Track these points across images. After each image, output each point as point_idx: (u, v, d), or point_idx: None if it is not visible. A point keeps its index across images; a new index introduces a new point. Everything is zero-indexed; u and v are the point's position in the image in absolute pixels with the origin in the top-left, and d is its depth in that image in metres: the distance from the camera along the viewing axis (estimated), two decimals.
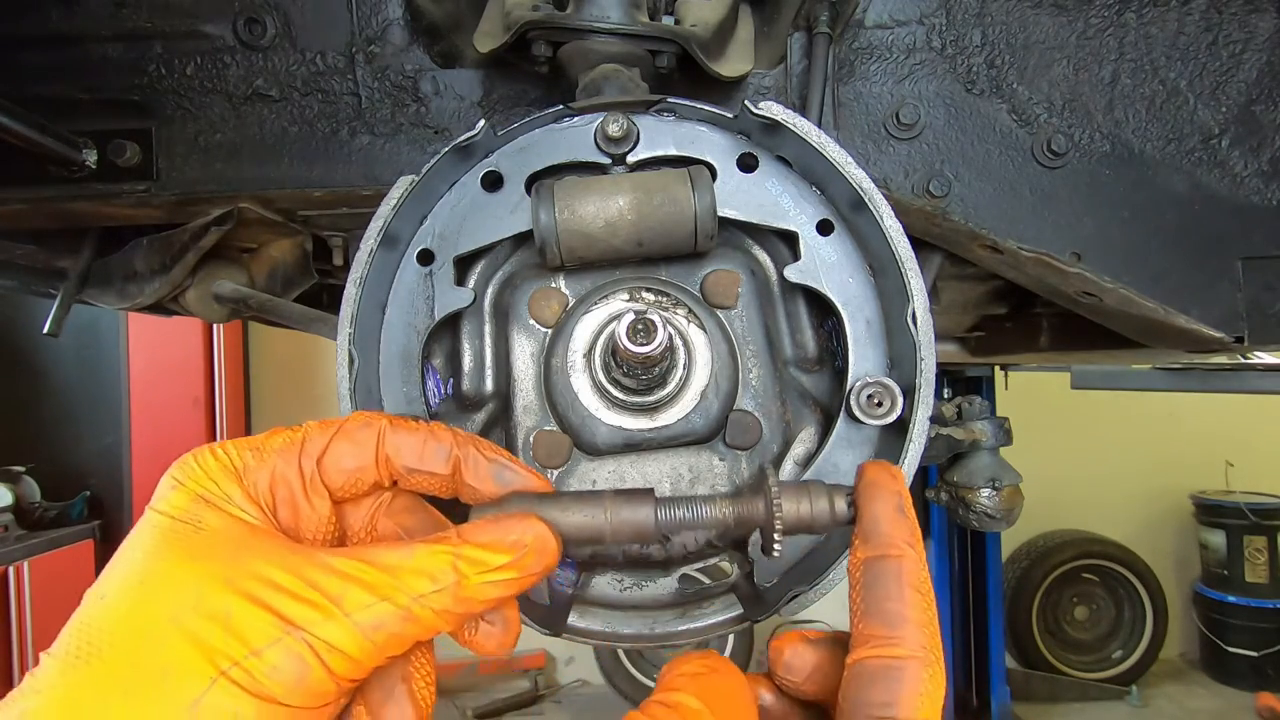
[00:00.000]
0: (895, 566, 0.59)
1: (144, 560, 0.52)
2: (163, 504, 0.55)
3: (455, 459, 0.63)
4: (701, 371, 0.81)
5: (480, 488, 0.63)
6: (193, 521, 0.54)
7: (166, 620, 0.48)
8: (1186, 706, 6.76)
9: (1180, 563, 7.48)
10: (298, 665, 0.48)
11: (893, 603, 0.58)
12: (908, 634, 0.57)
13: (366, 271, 0.80)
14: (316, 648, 0.49)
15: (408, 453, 0.62)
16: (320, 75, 1.18)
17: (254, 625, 0.48)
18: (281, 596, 0.49)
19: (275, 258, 1.51)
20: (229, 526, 0.54)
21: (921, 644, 0.56)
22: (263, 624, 0.48)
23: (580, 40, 1.00)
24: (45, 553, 5.02)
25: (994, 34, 1.18)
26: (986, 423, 2.03)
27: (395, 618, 0.51)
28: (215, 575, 0.50)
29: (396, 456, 0.61)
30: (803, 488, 0.65)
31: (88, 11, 1.16)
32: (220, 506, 0.55)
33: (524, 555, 0.57)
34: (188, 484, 0.56)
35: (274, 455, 0.59)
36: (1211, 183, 1.18)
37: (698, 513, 0.64)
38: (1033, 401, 5.73)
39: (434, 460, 0.62)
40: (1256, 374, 3.92)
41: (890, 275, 0.80)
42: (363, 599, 0.51)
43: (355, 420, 0.62)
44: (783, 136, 0.83)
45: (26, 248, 1.48)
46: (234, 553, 0.52)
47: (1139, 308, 1.20)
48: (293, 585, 0.50)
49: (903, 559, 0.59)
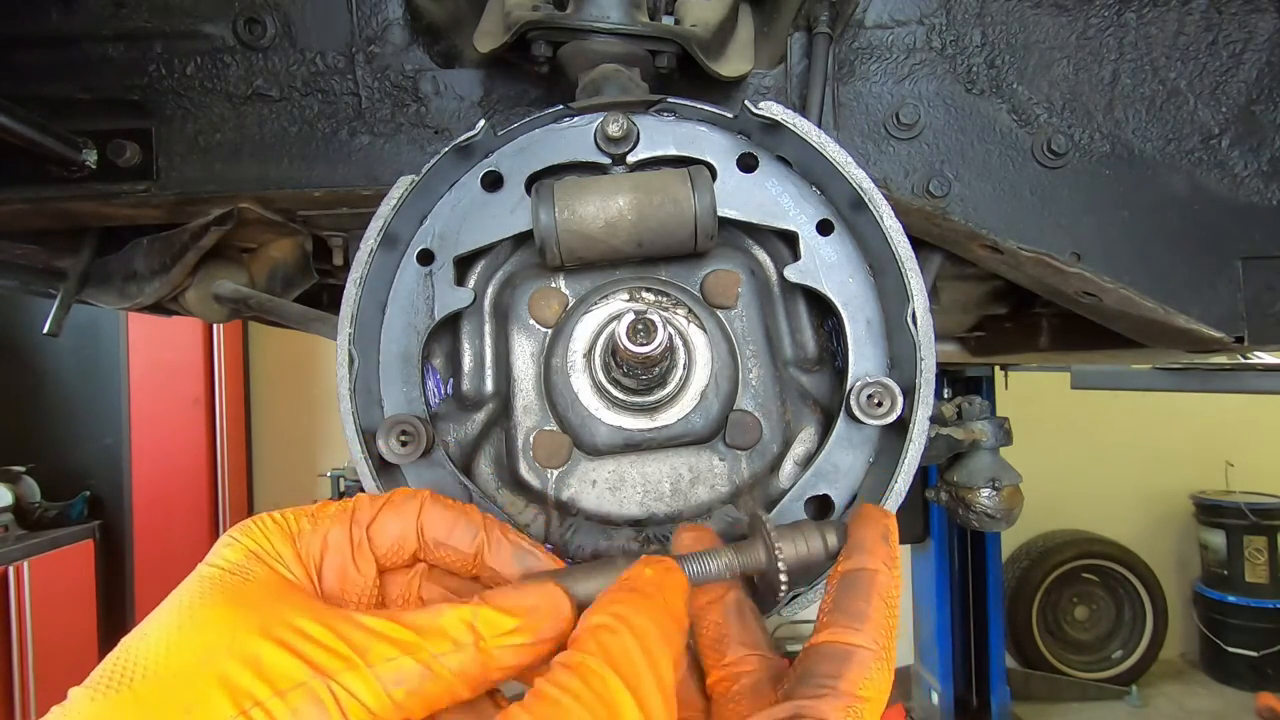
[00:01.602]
0: (868, 578, 0.64)
1: (188, 605, 0.54)
2: (216, 558, 0.58)
3: (480, 540, 0.66)
4: (701, 371, 0.81)
5: (500, 570, 0.66)
6: (241, 573, 0.57)
7: (199, 659, 0.50)
8: (1186, 706, 6.76)
9: (1180, 563, 7.48)
10: (317, 710, 0.49)
11: (859, 602, 0.62)
12: (867, 629, 0.61)
13: (366, 271, 0.80)
14: (338, 695, 0.50)
15: (440, 526, 0.65)
16: (320, 75, 1.18)
17: (281, 669, 0.50)
18: (310, 645, 0.51)
19: (275, 258, 1.51)
20: (273, 580, 0.57)
21: (877, 640, 0.61)
22: (289, 668, 0.50)
23: (580, 40, 1.00)
24: (45, 553, 5.03)
25: (994, 34, 1.18)
26: (986, 423, 2.03)
27: (415, 674, 0.52)
28: (251, 621, 0.52)
29: (429, 529, 0.65)
30: (796, 529, 0.68)
31: (88, 11, 1.16)
32: (269, 563, 0.59)
33: (538, 618, 0.58)
34: (243, 540, 0.59)
35: (328, 521, 0.63)
36: (1211, 183, 1.18)
37: (705, 570, 0.65)
38: (1033, 401, 5.74)
39: (461, 537, 0.65)
40: (1256, 374, 3.92)
41: (890, 275, 0.80)
42: (386, 653, 0.52)
43: (400, 493, 0.67)
44: (783, 136, 0.83)
45: (26, 248, 1.48)
46: (273, 603, 0.54)
47: (1139, 308, 1.20)
48: (322, 635, 0.52)
49: (877, 573, 0.64)
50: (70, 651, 5.04)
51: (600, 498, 0.83)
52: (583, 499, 0.82)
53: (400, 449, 0.79)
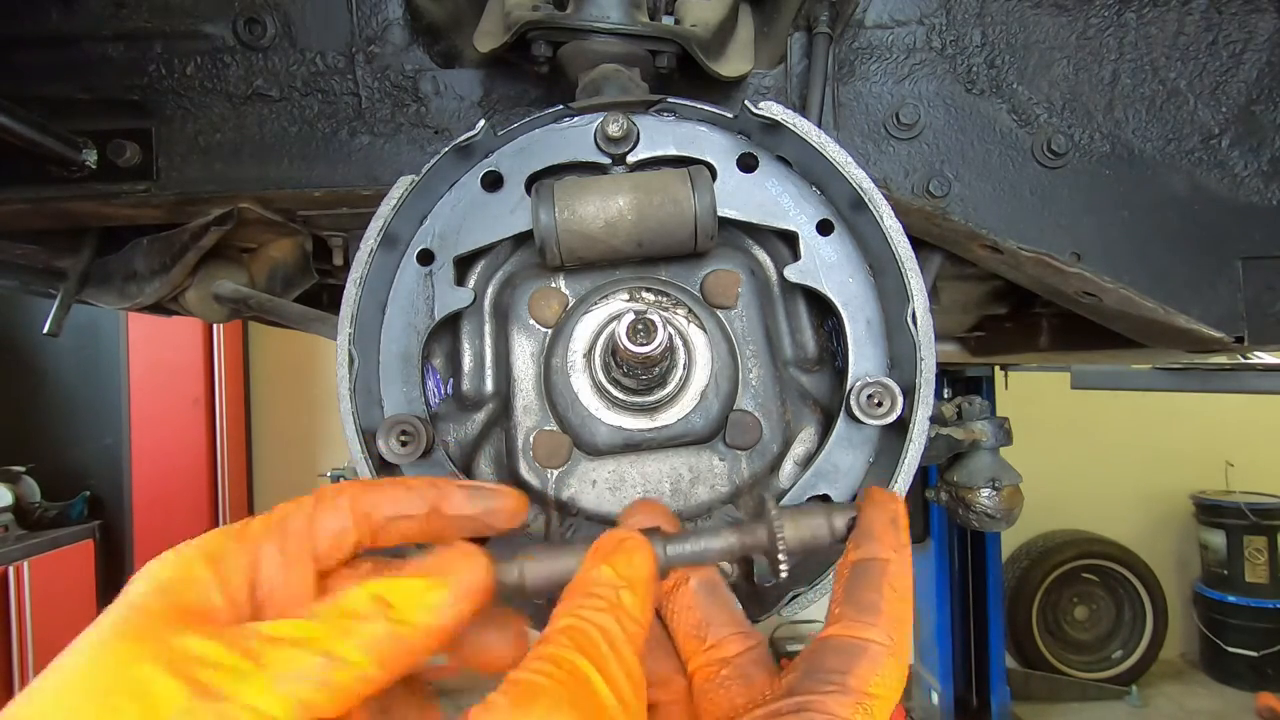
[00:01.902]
0: (879, 567, 0.61)
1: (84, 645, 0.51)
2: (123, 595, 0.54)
3: (432, 495, 0.63)
4: (701, 371, 0.81)
5: (461, 512, 0.63)
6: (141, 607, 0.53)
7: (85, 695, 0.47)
8: (1186, 706, 6.76)
9: (1180, 563, 7.48)
10: None
11: (870, 594, 0.60)
12: (879, 622, 0.59)
13: (366, 271, 0.80)
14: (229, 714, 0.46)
15: (385, 504, 0.62)
16: (320, 75, 1.18)
17: (168, 697, 0.46)
18: (201, 666, 0.48)
19: (275, 258, 1.51)
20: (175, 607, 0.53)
21: (890, 635, 0.59)
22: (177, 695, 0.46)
23: (580, 40, 1.00)
24: (45, 553, 5.03)
25: (994, 34, 1.18)
26: (986, 423, 2.03)
27: (316, 666, 0.49)
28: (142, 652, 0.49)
29: (374, 510, 0.61)
30: (801, 510, 0.67)
31: (88, 11, 1.16)
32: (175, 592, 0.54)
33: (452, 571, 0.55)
34: (155, 570, 0.55)
35: (255, 538, 0.59)
36: (1211, 183, 1.18)
37: (702, 547, 0.64)
38: (1033, 401, 5.73)
39: (411, 503, 0.62)
40: (1256, 374, 3.92)
41: (890, 275, 0.80)
42: (284, 655, 0.49)
43: (328, 489, 0.63)
44: (783, 136, 0.83)
45: (26, 248, 1.48)
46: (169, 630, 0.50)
47: (1139, 308, 1.20)
48: (212, 653, 0.48)
49: (888, 562, 0.62)
50: None
51: (600, 498, 0.83)
52: (583, 499, 0.83)
53: (400, 449, 0.79)
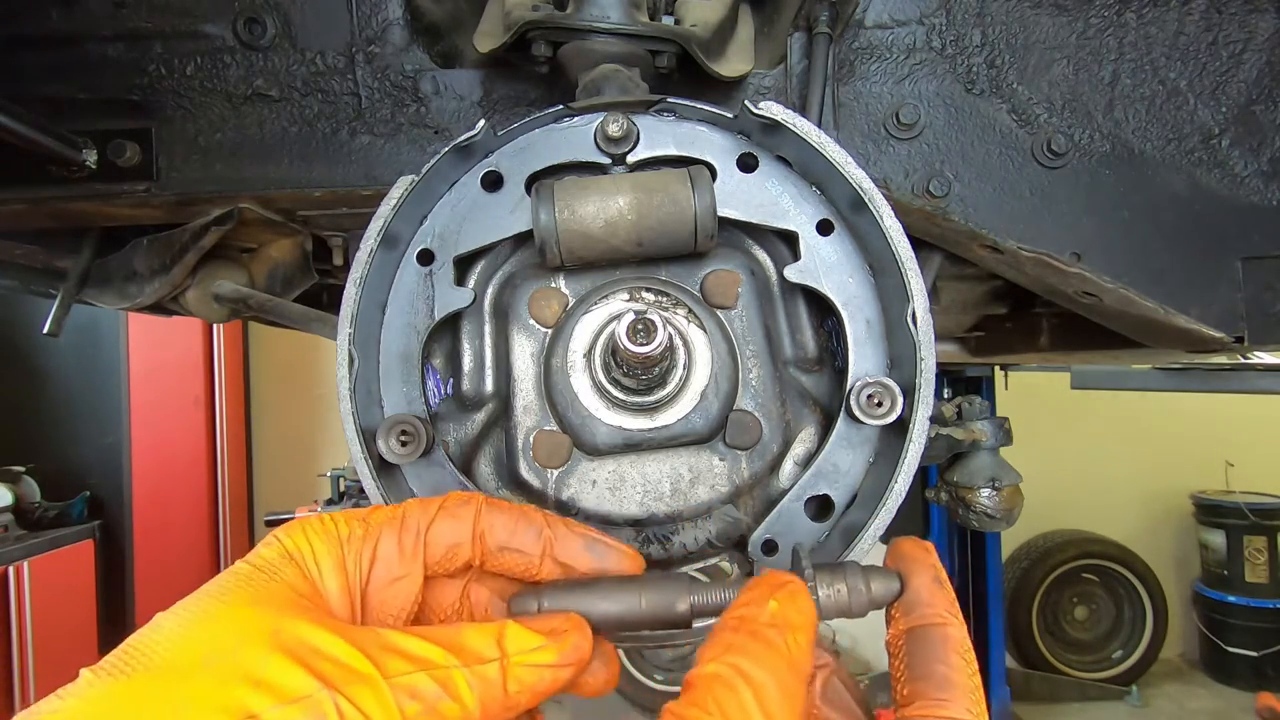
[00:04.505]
0: (940, 634, 0.59)
1: (207, 599, 0.53)
2: (253, 555, 0.57)
3: (546, 538, 0.63)
4: (701, 371, 0.81)
5: (573, 563, 0.64)
6: (269, 573, 0.55)
7: (202, 658, 0.49)
8: (1186, 706, 6.76)
9: (1180, 563, 7.48)
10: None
11: (940, 665, 0.57)
12: (956, 698, 0.56)
13: (366, 271, 0.80)
14: (343, 709, 0.47)
15: (501, 530, 0.62)
16: (320, 75, 1.18)
17: (287, 680, 0.48)
18: (321, 659, 0.49)
19: (275, 258, 1.51)
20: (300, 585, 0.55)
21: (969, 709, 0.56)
22: (294, 680, 0.48)
23: (580, 40, 1.00)
24: (45, 553, 5.03)
25: (994, 34, 1.18)
26: (986, 423, 2.03)
27: (430, 692, 0.50)
28: (263, 626, 0.50)
29: (490, 534, 0.62)
30: (838, 571, 0.64)
31: (88, 11, 1.16)
32: (302, 566, 0.56)
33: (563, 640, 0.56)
34: (284, 541, 0.57)
35: (378, 527, 0.60)
36: (1211, 183, 1.18)
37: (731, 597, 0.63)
38: (1033, 401, 5.74)
39: (525, 539, 0.63)
40: (1256, 374, 3.92)
41: (890, 275, 0.80)
42: (402, 667, 0.50)
43: (455, 498, 0.64)
44: (783, 136, 0.83)
45: (26, 248, 1.48)
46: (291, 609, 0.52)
47: (1139, 308, 1.20)
48: (334, 648, 0.50)
49: (947, 626, 0.59)
50: (70, 651, 5.04)
51: (600, 498, 0.83)
52: (583, 499, 0.82)
53: (400, 449, 0.79)
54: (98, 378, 5.81)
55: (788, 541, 0.80)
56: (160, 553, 5.87)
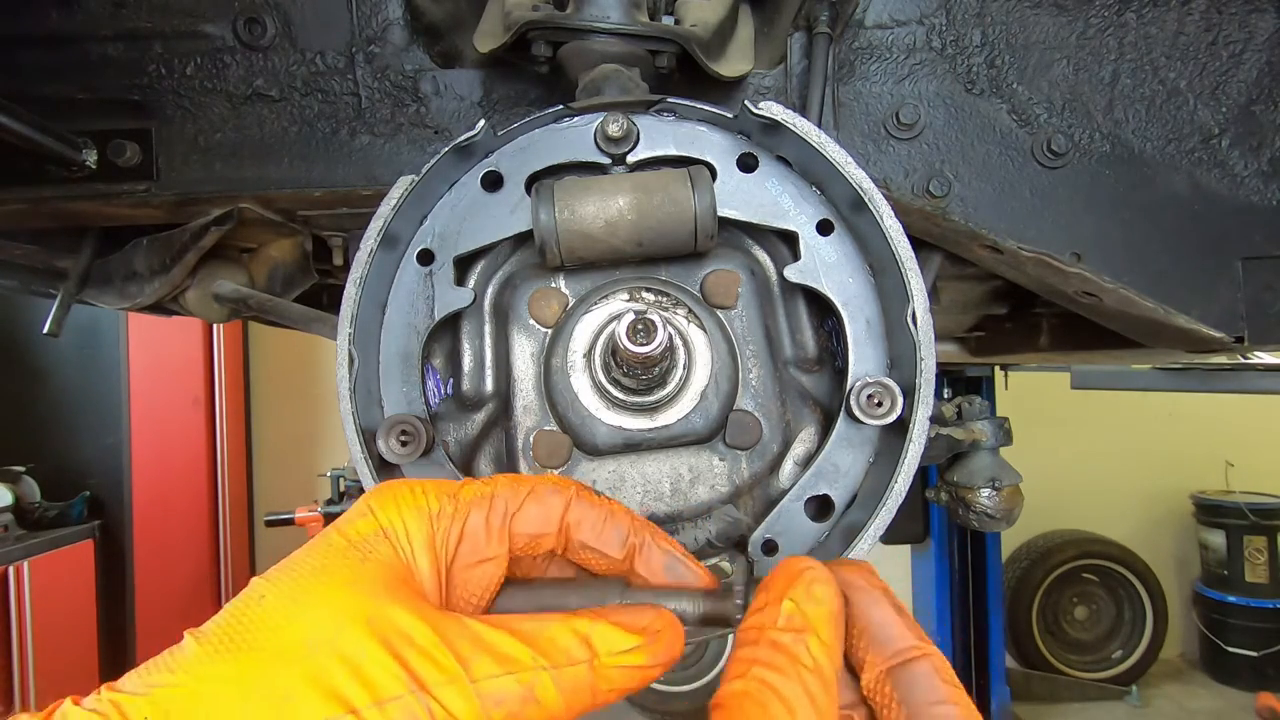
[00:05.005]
0: (926, 666, 0.55)
1: (308, 576, 0.53)
2: (348, 526, 0.56)
3: (631, 545, 0.62)
4: (701, 371, 0.81)
5: (651, 578, 0.63)
6: (363, 549, 0.54)
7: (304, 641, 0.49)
8: (1186, 706, 6.76)
9: (1180, 563, 7.48)
10: None
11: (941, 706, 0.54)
12: None
13: (366, 271, 0.80)
14: (434, 713, 0.47)
15: (587, 528, 0.61)
16: (320, 75, 1.18)
17: (383, 677, 0.48)
18: (415, 652, 0.49)
19: (275, 258, 1.51)
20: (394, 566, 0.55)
21: None
22: (391, 677, 0.48)
23: (580, 40, 1.00)
24: (45, 553, 5.02)
25: (994, 34, 1.18)
26: (986, 423, 2.03)
27: (516, 696, 0.50)
28: (361, 611, 0.50)
29: (576, 529, 0.61)
30: None
31: (87, 11, 1.16)
32: (396, 544, 0.56)
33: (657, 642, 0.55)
34: (378, 515, 0.57)
35: (468, 505, 0.59)
36: (1211, 183, 1.17)
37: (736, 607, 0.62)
38: (1033, 401, 5.74)
39: (610, 541, 0.62)
40: (1256, 374, 3.92)
41: (890, 275, 0.80)
42: (491, 669, 0.50)
43: (545, 482, 0.62)
44: (783, 136, 0.83)
45: (26, 248, 1.48)
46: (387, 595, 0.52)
47: (1139, 308, 1.20)
48: (428, 642, 0.50)
49: (929, 656, 0.56)
50: (70, 651, 5.04)
51: None
52: None
53: (400, 449, 0.79)
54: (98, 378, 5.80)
55: (788, 541, 0.80)
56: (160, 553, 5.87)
